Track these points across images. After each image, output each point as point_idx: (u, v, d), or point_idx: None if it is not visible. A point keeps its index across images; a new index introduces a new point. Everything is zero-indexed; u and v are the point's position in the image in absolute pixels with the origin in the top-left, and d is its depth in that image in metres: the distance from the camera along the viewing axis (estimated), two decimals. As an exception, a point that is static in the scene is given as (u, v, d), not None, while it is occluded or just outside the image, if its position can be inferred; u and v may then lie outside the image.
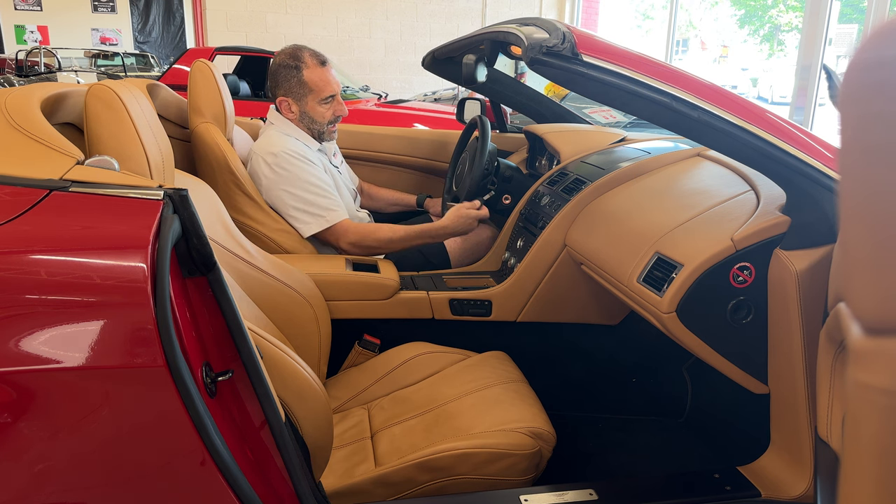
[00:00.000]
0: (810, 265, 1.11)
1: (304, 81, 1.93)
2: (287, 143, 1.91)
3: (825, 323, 1.00)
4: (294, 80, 1.93)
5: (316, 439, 1.09)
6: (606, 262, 1.46)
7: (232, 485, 0.82)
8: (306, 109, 1.96)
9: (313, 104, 1.95)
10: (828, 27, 5.32)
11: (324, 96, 1.95)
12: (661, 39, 9.08)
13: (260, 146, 1.93)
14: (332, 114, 1.99)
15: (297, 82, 1.94)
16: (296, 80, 1.93)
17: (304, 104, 1.96)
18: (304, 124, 1.98)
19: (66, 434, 0.77)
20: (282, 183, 1.87)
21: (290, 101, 1.96)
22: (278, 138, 1.93)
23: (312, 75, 1.93)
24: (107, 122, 1.03)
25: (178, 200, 0.85)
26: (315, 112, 1.97)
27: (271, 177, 1.88)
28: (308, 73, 1.93)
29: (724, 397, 1.63)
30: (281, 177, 1.87)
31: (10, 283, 0.75)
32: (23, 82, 7.06)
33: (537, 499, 1.16)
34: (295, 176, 1.87)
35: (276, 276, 1.46)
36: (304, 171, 1.88)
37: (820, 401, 0.99)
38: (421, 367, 1.62)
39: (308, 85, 1.94)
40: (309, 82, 1.94)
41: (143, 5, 10.29)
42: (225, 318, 0.88)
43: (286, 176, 1.87)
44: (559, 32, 1.12)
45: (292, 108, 1.97)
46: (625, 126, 4.35)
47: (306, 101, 1.95)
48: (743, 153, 1.12)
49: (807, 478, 1.18)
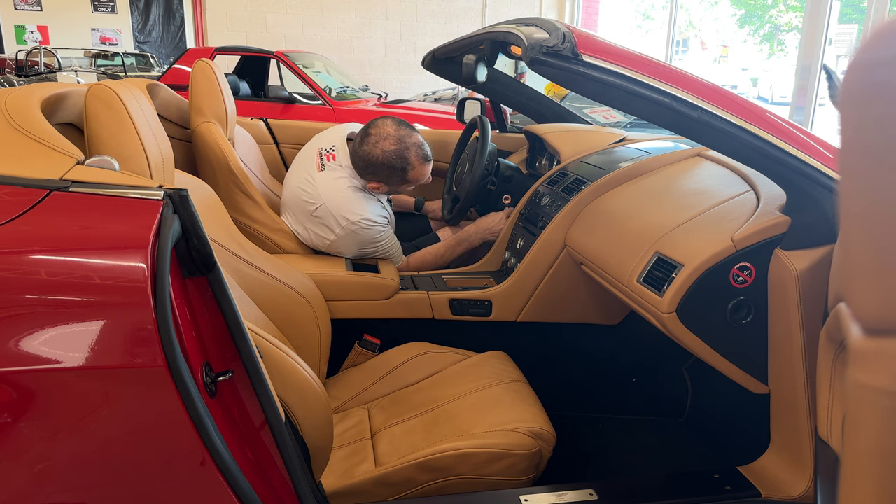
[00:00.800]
0: (810, 265, 1.11)
1: (407, 180, 1.86)
2: (370, 209, 1.85)
3: (825, 323, 0.99)
4: (396, 178, 1.84)
5: (316, 439, 1.09)
6: (606, 262, 1.46)
7: (232, 485, 0.82)
8: (392, 189, 1.90)
9: (401, 187, 1.90)
10: (828, 27, 5.33)
11: (413, 185, 1.90)
12: (661, 39, 9.08)
13: (330, 199, 1.83)
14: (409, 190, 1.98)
15: (399, 180, 1.85)
16: (398, 178, 1.84)
17: (393, 187, 1.89)
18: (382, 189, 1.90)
19: (66, 434, 0.77)
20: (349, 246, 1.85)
21: (382, 185, 1.87)
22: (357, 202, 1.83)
23: (416, 174, 1.85)
24: (107, 122, 1.03)
25: (178, 200, 0.85)
26: (399, 189, 1.91)
27: (341, 237, 1.83)
28: (412, 174, 1.85)
29: (724, 397, 1.63)
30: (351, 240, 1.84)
31: (10, 283, 0.75)
32: (23, 82, 7.06)
33: (537, 499, 1.16)
34: (365, 239, 1.85)
35: (276, 276, 1.46)
36: (375, 236, 1.86)
37: (820, 401, 0.99)
38: (421, 367, 1.62)
39: (408, 178, 1.85)
40: (409, 177, 1.85)
41: (143, 5, 10.29)
42: (225, 318, 0.88)
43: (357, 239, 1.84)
44: (559, 32, 1.12)
45: (381, 189, 1.88)
46: (625, 126, 4.35)
47: (398, 187, 1.89)
48: (743, 153, 1.12)
49: (807, 478, 1.18)
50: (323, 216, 1.83)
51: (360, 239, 1.84)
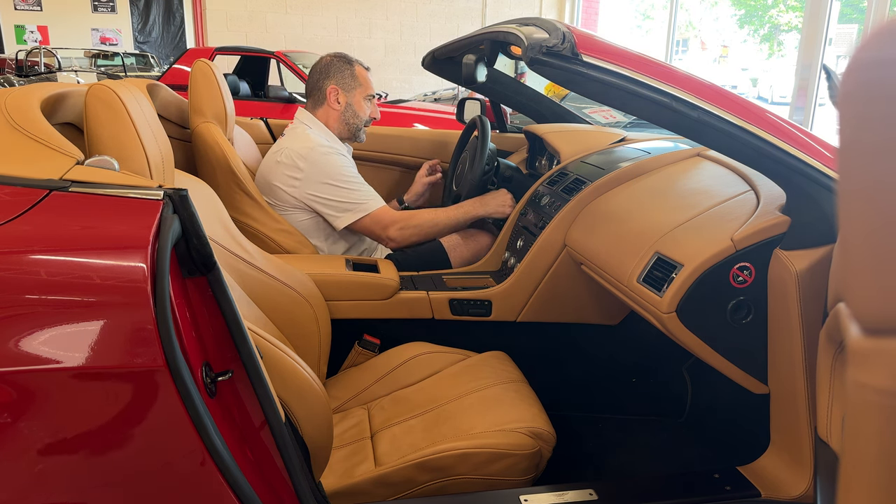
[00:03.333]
0: (810, 265, 1.11)
1: (355, 75, 2.06)
2: (320, 140, 1.97)
3: (825, 323, 0.99)
4: (347, 73, 2.05)
5: (316, 439, 1.09)
6: (606, 262, 1.46)
7: (232, 485, 0.82)
8: (353, 102, 2.06)
9: (359, 99, 2.06)
10: (828, 27, 5.33)
11: (368, 93, 2.08)
12: (661, 39, 9.08)
13: (292, 144, 1.96)
14: (370, 113, 2.11)
15: (350, 75, 2.05)
16: (349, 73, 2.05)
17: (353, 97, 2.06)
18: (346, 118, 2.06)
19: (65, 434, 0.77)
20: (317, 177, 1.91)
21: (339, 91, 2.04)
22: (312, 136, 1.98)
23: (362, 73, 2.08)
24: (107, 122, 1.03)
25: (178, 200, 0.85)
26: (359, 107, 2.07)
27: (307, 171, 1.91)
28: (359, 70, 2.08)
29: (724, 397, 1.63)
30: (316, 169, 1.91)
31: (10, 283, 0.75)
32: (23, 82, 7.06)
33: (537, 499, 1.16)
34: (328, 169, 1.91)
35: (276, 276, 1.46)
36: (336, 164, 1.93)
37: (820, 401, 0.99)
38: (421, 367, 1.62)
39: (359, 79, 2.06)
40: (360, 77, 2.07)
41: (143, 5, 10.29)
42: (225, 319, 0.88)
43: (321, 168, 1.91)
44: (559, 32, 1.12)
45: (339, 100, 2.05)
46: (625, 126, 4.34)
47: (354, 94, 2.06)
48: (743, 153, 1.12)
49: (807, 478, 1.18)
50: (286, 160, 1.93)
51: (325, 170, 1.90)
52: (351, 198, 1.92)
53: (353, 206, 1.92)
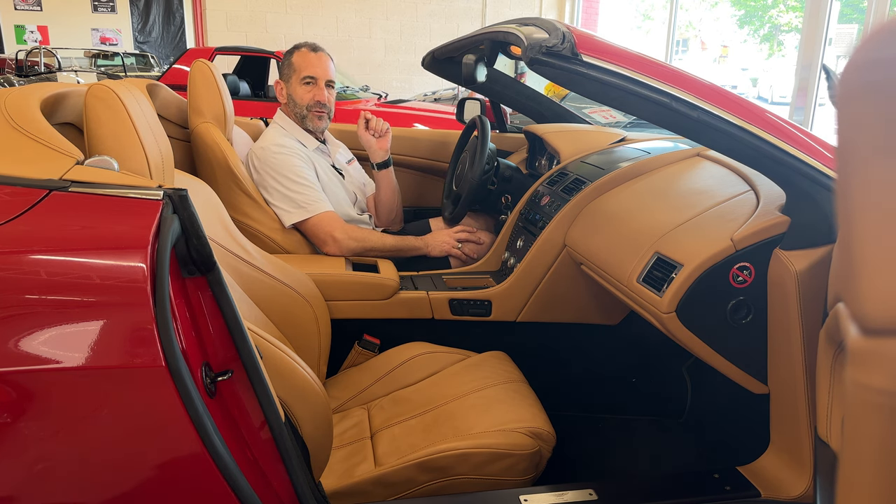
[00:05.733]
0: (810, 265, 1.11)
1: (292, 63, 2.02)
2: (277, 138, 1.97)
3: (825, 323, 0.99)
4: (286, 63, 2.04)
5: (316, 439, 1.09)
6: (606, 262, 1.46)
7: (232, 485, 0.82)
8: (290, 91, 2.03)
9: (296, 85, 2.02)
10: (828, 27, 5.32)
11: (303, 75, 2.00)
12: (661, 39, 9.08)
13: (256, 143, 2.00)
14: (311, 97, 2.01)
15: (287, 64, 2.03)
16: (287, 63, 2.04)
17: (290, 86, 2.03)
18: (292, 109, 2.04)
19: (65, 434, 0.77)
20: (266, 173, 1.92)
21: (282, 84, 2.05)
22: (272, 134, 2.00)
23: (299, 58, 2.02)
24: (107, 122, 1.03)
25: (178, 200, 0.85)
26: (296, 93, 2.02)
27: (259, 169, 1.93)
28: (297, 56, 2.02)
29: (724, 397, 1.63)
30: (267, 166, 1.92)
31: (10, 283, 0.75)
32: (23, 82, 7.06)
33: (537, 499, 1.16)
34: (276, 168, 1.91)
35: (276, 276, 1.46)
36: (285, 164, 1.91)
37: (819, 401, 0.99)
38: (421, 367, 1.62)
39: (294, 66, 2.02)
40: (294, 63, 2.02)
41: (143, 5, 10.28)
42: (224, 319, 0.88)
43: (271, 166, 1.92)
44: (559, 32, 1.12)
45: (283, 93, 2.04)
46: (625, 126, 4.35)
47: (291, 82, 2.02)
48: (742, 153, 1.12)
49: (806, 478, 1.18)
50: (249, 159, 1.97)
51: (276, 168, 1.90)
52: (298, 198, 1.90)
53: (299, 205, 1.90)
